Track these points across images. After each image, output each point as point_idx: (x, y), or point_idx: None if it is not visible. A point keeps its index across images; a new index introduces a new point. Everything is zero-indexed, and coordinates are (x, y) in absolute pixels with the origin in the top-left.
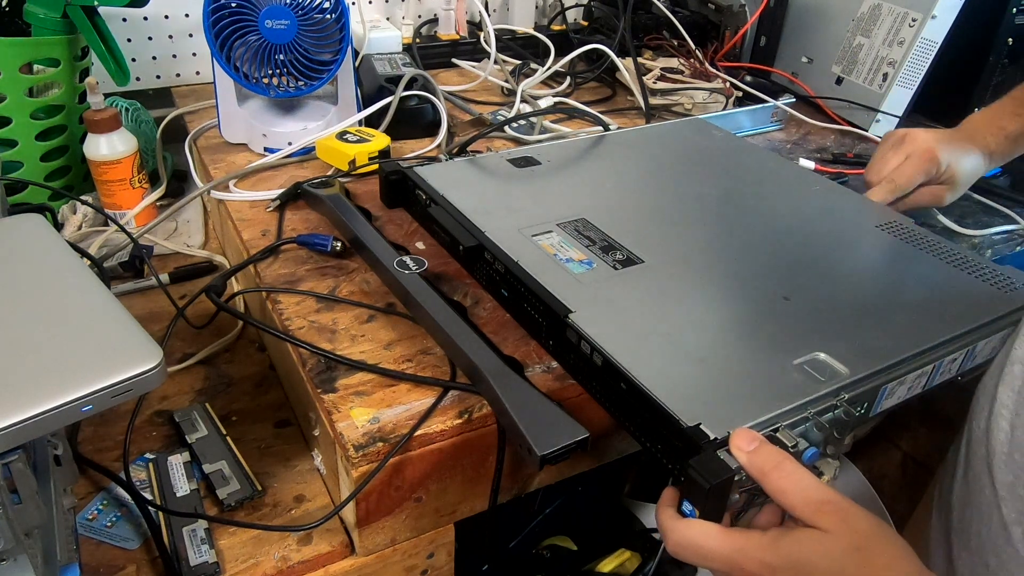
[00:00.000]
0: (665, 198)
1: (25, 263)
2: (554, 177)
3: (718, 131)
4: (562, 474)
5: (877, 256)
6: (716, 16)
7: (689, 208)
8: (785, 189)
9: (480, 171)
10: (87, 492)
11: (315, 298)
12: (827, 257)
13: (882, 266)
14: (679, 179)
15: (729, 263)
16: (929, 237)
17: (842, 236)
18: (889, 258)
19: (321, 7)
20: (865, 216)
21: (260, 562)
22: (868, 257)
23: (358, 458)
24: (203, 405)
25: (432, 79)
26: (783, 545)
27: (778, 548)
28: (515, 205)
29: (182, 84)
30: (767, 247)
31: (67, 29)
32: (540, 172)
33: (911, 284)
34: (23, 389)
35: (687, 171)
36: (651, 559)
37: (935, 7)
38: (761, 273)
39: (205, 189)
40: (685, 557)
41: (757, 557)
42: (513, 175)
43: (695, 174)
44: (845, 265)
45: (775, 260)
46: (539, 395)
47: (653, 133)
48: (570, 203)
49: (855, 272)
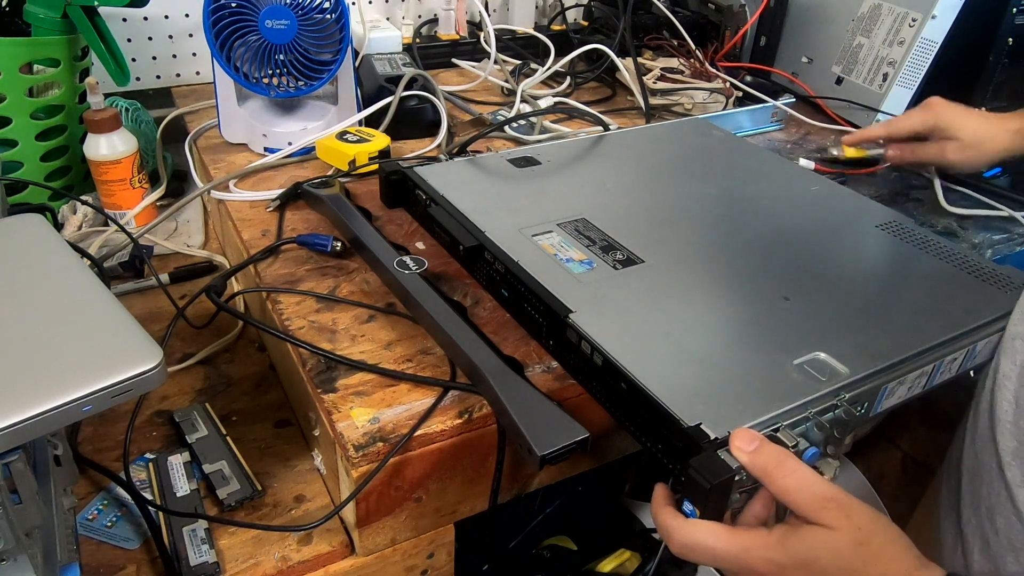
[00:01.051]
0: (665, 198)
1: (25, 263)
2: (554, 177)
3: (718, 131)
4: (562, 474)
5: (877, 256)
6: (716, 16)
7: (689, 208)
8: (785, 189)
9: (480, 171)
10: (87, 492)
11: (315, 298)
12: (827, 257)
13: (882, 266)
14: (679, 179)
15: (729, 263)
16: (929, 237)
17: (842, 236)
18: (889, 258)
19: (321, 7)
20: (865, 216)
21: (260, 562)
22: (868, 257)
23: (358, 458)
24: (203, 405)
25: (432, 79)
26: (791, 544)
27: (786, 547)
28: (515, 205)
29: (182, 84)
30: (767, 247)
31: (67, 29)
32: (540, 172)
33: (912, 284)
34: (23, 389)
35: (687, 171)
36: (651, 559)
37: (935, 7)
38: (761, 273)
39: (205, 189)
40: (692, 558)
41: (765, 556)
42: (513, 175)
43: (695, 174)
44: (845, 265)
45: (775, 260)
46: (539, 395)
47: (653, 133)
48: (570, 203)
49: (855, 272)
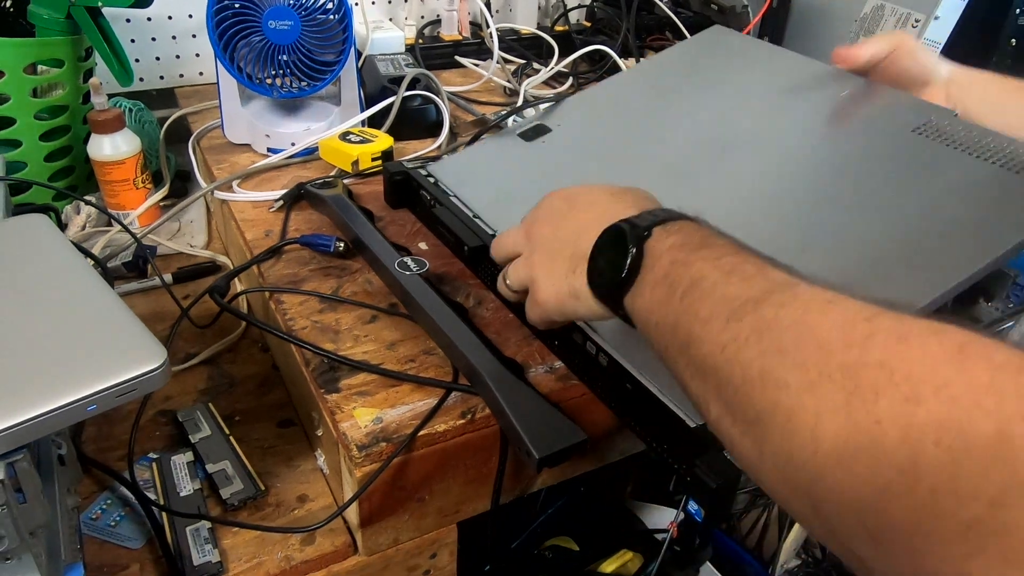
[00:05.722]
0: (677, 141)
1: (29, 263)
2: (565, 145)
3: (737, 37)
4: (564, 475)
5: (913, 174)
6: (719, 17)
7: (703, 150)
8: (812, 100)
9: (489, 153)
10: (91, 492)
11: (318, 298)
12: (855, 185)
13: (919, 187)
14: (693, 110)
15: (744, 219)
16: (974, 131)
17: (872, 151)
18: (928, 173)
19: (324, 8)
20: (900, 119)
21: (263, 562)
22: (903, 175)
23: (361, 458)
24: (206, 405)
25: (435, 79)
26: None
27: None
28: (523, 191)
29: (185, 85)
30: (787, 183)
31: (71, 30)
32: (551, 142)
33: (953, 205)
34: (28, 389)
35: (702, 95)
36: (653, 560)
37: (938, 8)
38: (777, 222)
39: (208, 189)
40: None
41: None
42: (523, 153)
43: (711, 97)
44: (875, 194)
45: (794, 198)
46: (538, 397)
47: (669, 57)
48: (583, 173)
49: (888, 202)
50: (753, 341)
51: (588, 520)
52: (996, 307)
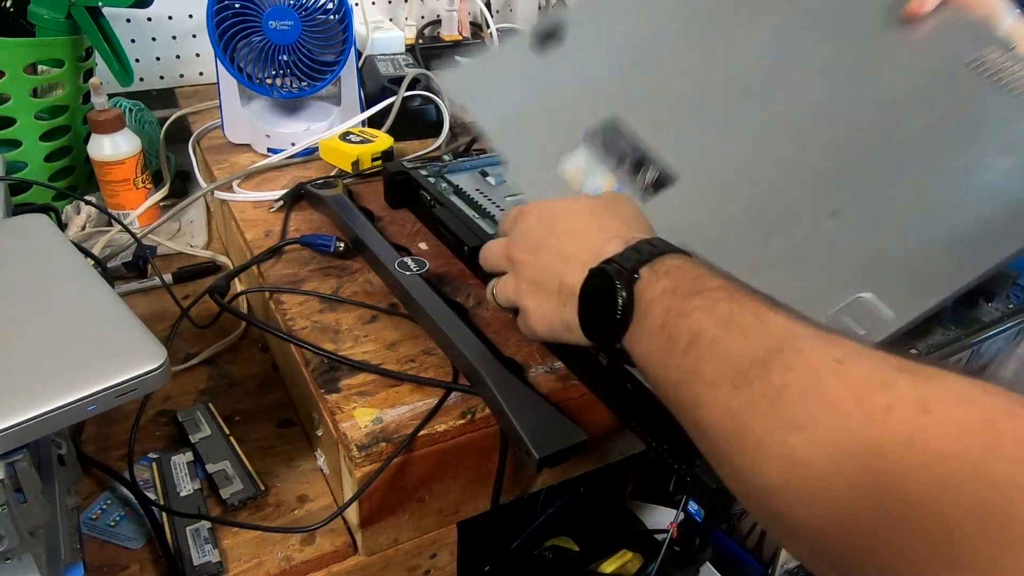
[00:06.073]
0: (705, 62)
1: (29, 263)
2: (581, 57)
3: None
4: (564, 475)
5: (963, 121)
6: None
7: (730, 81)
8: (853, 30)
9: (499, 72)
10: (91, 492)
11: (318, 298)
12: (899, 131)
13: (969, 137)
14: (720, 31)
15: (771, 172)
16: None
17: (919, 92)
18: (978, 121)
19: (324, 8)
20: (954, 50)
21: (263, 562)
22: (951, 122)
23: (361, 458)
24: (206, 405)
25: (435, 79)
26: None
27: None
28: (538, 119)
29: (185, 85)
30: (821, 134)
31: (71, 30)
32: (566, 55)
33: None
34: (28, 388)
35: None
36: (653, 560)
37: None
38: (809, 179)
39: (208, 189)
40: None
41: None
42: (534, 71)
43: (739, 19)
44: (919, 143)
45: (830, 151)
46: (538, 397)
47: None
48: (602, 93)
49: (932, 151)
50: (764, 409)
51: (588, 520)
52: (996, 307)
